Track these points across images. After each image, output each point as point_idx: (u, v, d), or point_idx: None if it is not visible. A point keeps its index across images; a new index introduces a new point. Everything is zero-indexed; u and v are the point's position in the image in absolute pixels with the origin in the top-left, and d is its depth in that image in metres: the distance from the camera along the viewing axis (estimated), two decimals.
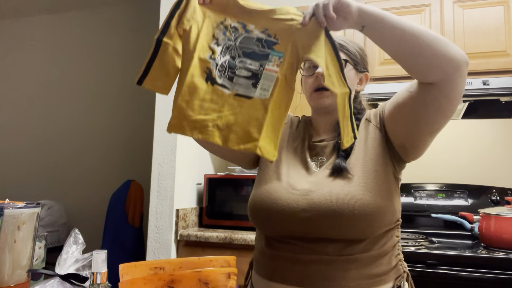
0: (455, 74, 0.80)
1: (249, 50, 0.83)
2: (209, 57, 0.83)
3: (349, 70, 1.00)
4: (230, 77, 0.83)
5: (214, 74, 0.83)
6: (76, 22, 3.51)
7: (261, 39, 0.84)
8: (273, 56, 0.82)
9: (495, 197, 2.08)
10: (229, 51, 0.84)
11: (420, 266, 1.56)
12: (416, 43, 0.79)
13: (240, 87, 0.82)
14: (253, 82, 0.82)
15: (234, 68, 0.83)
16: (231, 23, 0.85)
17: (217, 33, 0.85)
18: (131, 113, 3.22)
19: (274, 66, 0.82)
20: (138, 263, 0.73)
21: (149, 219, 2.10)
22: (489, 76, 1.90)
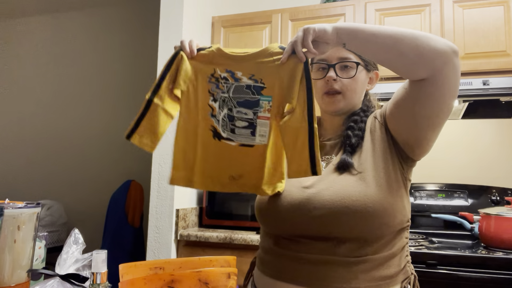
0: (444, 67, 0.80)
1: (241, 99, 0.89)
2: (211, 115, 0.91)
3: (360, 71, 1.00)
4: (232, 129, 0.90)
5: (219, 130, 0.91)
6: (76, 22, 3.50)
7: (250, 85, 0.89)
8: (263, 102, 0.88)
9: (495, 197, 2.08)
10: (225, 104, 0.91)
11: (420, 266, 1.56)
12: (397, 45, 0.81)
13: (242, 137, 0.90)
14: (251, 130, 0.89)
15: (233, 120, 0.90)
16: (221, 74, 0.90)
17: (211, 88, 0.91)
18: (131, 113, 3.20)
19: (266, 112, 0.87)
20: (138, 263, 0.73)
21: (149, 219, 2.10)
22: (489, 76, 1.90)
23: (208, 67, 0.91)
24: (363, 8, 2.17)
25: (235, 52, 0.91)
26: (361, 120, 0.99)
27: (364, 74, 1.02)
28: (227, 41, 2.41)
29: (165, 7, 2.20)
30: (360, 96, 1.03)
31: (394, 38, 0.81)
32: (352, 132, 0.96)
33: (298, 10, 2.30)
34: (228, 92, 0.90)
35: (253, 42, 2.36)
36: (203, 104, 0.92)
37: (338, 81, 0.99)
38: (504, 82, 1.85)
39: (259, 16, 2.37)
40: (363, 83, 1.03)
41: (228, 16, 2.44)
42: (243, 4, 2.79)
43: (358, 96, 1.02)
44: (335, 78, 0.99)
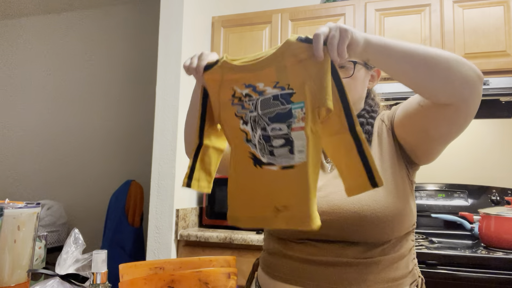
0: (471, 97, 0.76)
1: (272, 113, 0.76)
2: (246, 140, 0.80)
3: (359, 69, 0.97)
4: (271, 151, 0.76)
5: (258, 155, 0.78)
6: (76, 22, 3.50)
7: (277, 95, 0.75)
8: (295, 110, 0.73)
9: (495, 197, 2.08)
10: (257, 124, 0.78)
11: (420, 266, 1.55)
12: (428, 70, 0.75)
13: (283, 158, 0.75)
14: (290, 148, 0.74)
15: (270, 140, 0.76)
16: (241, 92, 0.78)
17: (238, 111, 0.80)
18: (131, 113, 3.21)
19: (300, 122, 0.72)
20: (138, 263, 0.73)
21: (149, 219, 2.10)
22: (489, 76, 1.90)
23: (225, 89, 0.81)
24: (363, 8, 2.17)
25: (246, 60, 0.79)
26: (367, 122, 0.98)
27: (363, 72, 0.99)
28: (227, 41, 2.41)
29: (165, 7, 2.20)
30: (361, 94, 1.01)
31: (427, 62, 0.75)
32: None
33: (298, 10, 2.30)
34: (256, 109, 0.77)
35: (253, 42, 2.36)
36: (235, 131, 0.80)
37: None
38: (504, 82, 1.85)
39: (259, 16, 2.37)
40: (363, 81, 1.00)
41: (228, 16, 2.44)
42: (243, 4, 2.79)
43: (359, 95, 1.00)
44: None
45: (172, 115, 2.12)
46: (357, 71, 0.97)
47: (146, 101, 3.07)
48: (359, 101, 1.01)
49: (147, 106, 3.01)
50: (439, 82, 0.75)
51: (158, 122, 2.15)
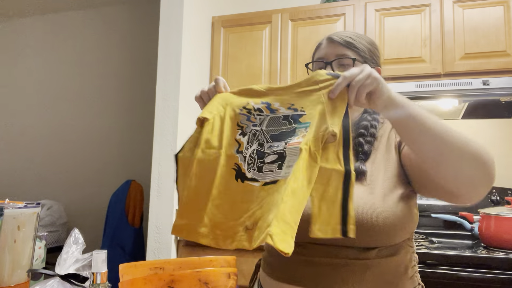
0: (485, 192, 0.74)
1: (276, 132, 0.74)
2: (236, 151, 0.75)
3: (356, 65, 0.96)
4: (259, 167, 0.72)
5: (244, 169, 0.74)
6: (76, 22, 3.50)
7: (288, 115, 0.74)
8: (299, 129, 0.71)
9: (495, 197, 2.08)
10: (255, 138, 0.75)
11: (420, 266, 1.55)
12: (450, 159, 0.72)
13: (268, 174, 0.71)
14: (280, 163, 0.70)
15: (263, 157, 0.73)
16: (254, 105, 0.77)
17: (241, 121, 0.77)
18: (131, 113, 3.21)
19: (299, 138, 0.69)
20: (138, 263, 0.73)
21: (149, 219, 2.10)
22: (489, 76, 1.90)
23: (241, 99, 0.79)
24: (363, 8, 2.17)
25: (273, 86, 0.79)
26: (371, 125, 0.97)
27: None
28: (227, 41, 2.41)
29: (165, 7, 2.20)
30: None
31: (453, 151, 0.71)
32: (363, 139, 0.94)
33: (298, 10, 2.30)
34: (260, 125, 0.75)
35: (253, 42, 2.36)
36: (229, 138, 0.77)
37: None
38: (504, 82, 1.85)
39: (259, 16, 2.37)
40: None
41: (228, 16, 2.44)
42: (243, 4, 2.79)
43: None
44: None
45: (172, 115, 2.12)
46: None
47: (146, 101, 3.07)
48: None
49: (147, 106, 3.01)
50: (461, 177, 0.73)
51: (158, 122, 2.15)
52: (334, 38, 1.01)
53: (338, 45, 0.99)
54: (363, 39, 1.02)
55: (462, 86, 1.89)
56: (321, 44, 1.04)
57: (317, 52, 1.06)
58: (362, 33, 2.02)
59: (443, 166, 0.74)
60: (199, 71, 2.34)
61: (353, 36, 1.01)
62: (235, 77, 2.34)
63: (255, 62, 2.34)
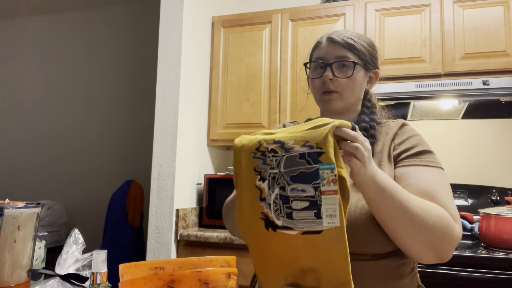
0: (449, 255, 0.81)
1: (295, 172, 0.70)
2: (260, 199, 0.73)
3: (358, 70, 0.98)
4: (288, 213, 0.70)
5: (272, 217, 0.72)
6: (76, 22, 3.50)
7: (304, 154, 0.69)
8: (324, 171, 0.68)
9: (495, 197, 2.08)
10: (276, 182, 0.72)
11: (420, 266, 1.56)
12: (418, 233, 0.78)
13: (304, 223, 0.69)
14: (315, 211, 0.68)
15: (288, 201, 0.70)
16: (268, 147, 0.72)
17: (258, 165, 0.73)
18: (131, 113, 3.21)
19: (331, 185, 0.67)
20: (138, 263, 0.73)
21: (149, 219, 2.10)
22: (489, 76, 1.90)
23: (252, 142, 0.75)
24: (363, 8, 2.17)
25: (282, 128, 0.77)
26: (370, 126, 0.97)
27: (362, 73, 1.00)
28: (227, 41, 2.41)
29: (165, 7, 2.20)
30: (359, 95, 1.01)
31: (414, 220, 0.77)
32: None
33: (298, 10, 2.30)
34: (278, 167, 0.71)
35: (253, 42, 2.36)
36: (250, 186, 0.74)
37: (335, 80, 0.97)
38: (504, 82, 1.85)
39: (259, 16, 2.37)
40: (361, 83, 1.00)
41: (228, 16, 2.44)
42: (243, 4, 2.79)
43: (356, 95, 1.00)
44: (331, 77, 0.96)
45: (172, 115, 2.12)
46: (356, 72, 0.97)
47: (146, 101, 3.07)
48: (357, 103, 1.02)
49: (147, 106, 3.01)
50: (423, 246, 0.78)
51: (158, 122, 2.15)
52: (335, 38, 0.99)
53: (339, 46, 0.98)
54: (364, 40, 1.01)
55: (462, 86, 1.90)
56: (321, 43, 1.02)
57: (316, 51, 1.03)
58: (362, 33, 2.02)
59: (403, 240, 0.80)
60: (199, 71, 2.34)
61: (354, 38, 0.99)
62: (235, 77, 2.34)
63: (255, 62, 2.34)
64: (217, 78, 2.40)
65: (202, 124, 2.38)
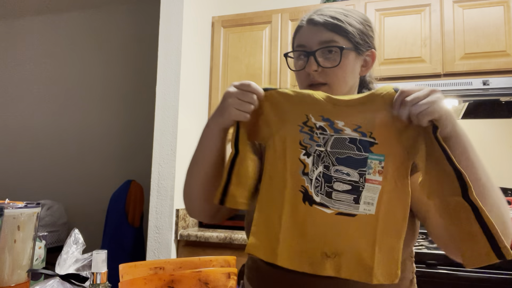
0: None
1: (343, 155, 0.71)
2: (302, 173, 0.73)
3: (347, 56, 0.82)
4: (328, 192, 0.71)
5: (311, 192, 0.72)
6: (76, 22, 3.50)
7: (355, 139, 0.70)
8: (372, 161, 0.69)
9: None
10: (321, 159, 0.72)
11: (420, 266, 1.56)
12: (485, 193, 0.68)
13: (341, 204, 0.71)
14: (355, 196, 0.70)
15: (331, 181, 0.71)
16: (316, 123, 0.72)
17: (304, 140, 0.73)
18: (131, 113, 3.21)
19: (376, 175, 0.69)
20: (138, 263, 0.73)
21: (149, 219, 2.10)
22: (489, 76, 1.90)
23: (299, 114, 0.73)
24: (363, 8, 2.17)
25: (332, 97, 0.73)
26: None
27: (353, 57, 0.84)
28: (227, 41, 2.41)
29: (165, 7, 2.20)
30: (353, 84, 0.86)
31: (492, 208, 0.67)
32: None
33: (298, 10, 2.30)
34: (325, 145, 0.71)
35: (253, 42, 2.36)
36: (293, 158, 0.73)
37: (321, 71, 0.82)
38: (504, 82, 1.85)
39: (259, 16, 2.37)
40: (353, 69, 0.84)
41: (228, 16, 2.44)
42: (243, 4, 2.79)
43: (350, 85, 0.85)
44: (316, 68, 0.82)
45: (172, 115, 2.12)
46: (345, 58, 0.82)
47: (146, 101, 3.06)
48: (352, 91, 0.87)
49: (147, 106, 3.01)
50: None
51: (158, 122, 2.15)
52: (316, 19, 0.83)
53: (322, 28, 0.82)
54: (353, 17, 0.84)
55: (462, 86, 1.89)
56: (301, 27, 0.86)
57: (297, 37, 0.87)
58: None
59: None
60: (199, 71, 2.34)
61: (340, 15, 0.83)
62: (235, 77, 2.34)
63: (255, 62, 2.34)
64: (217, 78, 2.40)
65: (202, 124, 2.37)
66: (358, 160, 0.70)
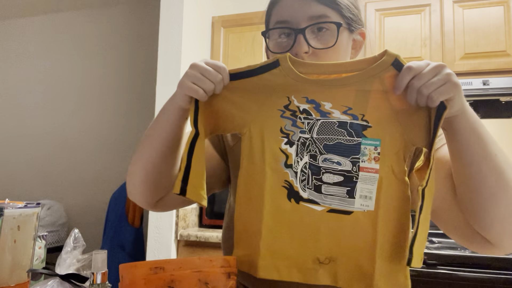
0: None
1: (331, 141, 0.61)
2: (284, 165, 0.63)
3: (342, 34, 0.70)
4: (317, 186, 0.61)
5: (296, 187, 0.62)
6: (76, 22, 3.50)
7: (345, 123, 0.60)
8: (366, 147, 0.59)
9: None
10: (306, 148, 0.62)
11: None
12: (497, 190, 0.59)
13: (333, 199, 0.61)
14: (348, 189, 0.60)
15: (319, 172, 0.61)
16: (299, 106, 0.62)
17: (285, 127, 0.63)
18: (131, 113, 3.21)
19: (372, 162, 0.59)
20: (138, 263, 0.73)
21: (149, 219, 2.10)
22: (489, 76, 1.90)
23: (278, 94, 0.64)
24: (363, 8, 2.17)
25: (318, 71, 0.62)
26: None
27: (346, 36, 0.71)
28: (227, 41, 2.41)
29: (165, 7, 2.20)
30: None
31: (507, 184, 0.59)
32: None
33: None
34: (310, 131, 0.62)
35: (253, 42, 2.36)
36: (273, 149, 0.63)
37: (312, 53, 0.68)
38: (504, 82, 1.85)
39: (259, 16, 2.36)
40: (346, 50, 0.72)
41: (228, 16, 2.44)
42: (243, 4, 2.79)
43: None
44: (307, 50, 0.67)
45: None
46: (340, 37, 0.69)
47: (146, 101, 3.06)
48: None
49: (147, 106, 3.01)
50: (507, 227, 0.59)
51: None
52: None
53: (311, 1, 0.67)
54: None
55: (462, 86, 1.89)
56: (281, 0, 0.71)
57: (275, 11, 0.72)
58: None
59: (490, 208, 0.59)
60: None
61: None
62: None
63: (255, 62, 2.33)
64: None
65: None
66: (350, 147, 0.60)
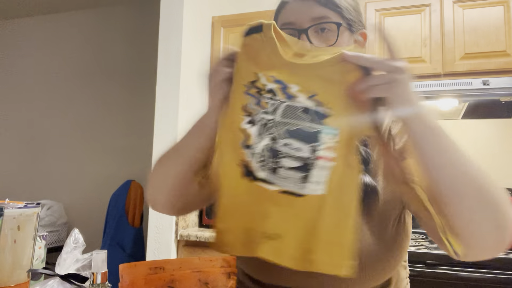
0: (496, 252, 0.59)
1: (294, 126, 0.59)
2: (243, 145, 0.61)
3: (343, 35, 0.73)
4: (273, 169, 0.60)
5: (252, 167, 0.61)
6: (76, 22, 3.50)
7: (308, 109, 0.58)
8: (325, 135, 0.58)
9: None
10: (267, 130, 0.60)
11: (420, 266, 1.56)
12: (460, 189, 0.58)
13: (288, 182, 0.60)
14: (303, 175, 0.59)
15: (277, 156, 0.60)
16: (266, 84, 0.60)
17: (249, 105, 0.61)
18: (131, 113, 3.21)
19: (330, 151, 0.58)
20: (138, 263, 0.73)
21: (149, 219, 2.10)
22: (489, 76, 1.90)
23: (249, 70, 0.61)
24: (363, 8, 2.17)
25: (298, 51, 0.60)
26: None
27: (347, 37, 0.74)
28: (227, 41, 2.41)
29: (165, 7, 2.20)
30: None
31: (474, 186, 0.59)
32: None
33: None
34: (274, 113, 0.60)
35: None
36: (234, 127, 0.62)
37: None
38: (504, 82, 1.86)
39: (259, 16, 2.36)
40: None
41: (228, 16, 2.44)
42: (243, 4, 2.79)
43: None
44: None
45: (172, 115, 2.12)
46: (341, 37, 0.72)
47: (146, 101, 3.06)
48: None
49: (147, 106, 3.01)
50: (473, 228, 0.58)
51: (158, 122, 2.15)
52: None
53: (313, 3, 0.72)
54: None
55: (462, 86, 1.89)
56: (287, 3, 0.75)
57: (282, 15, 0.76)
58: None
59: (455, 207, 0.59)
60: (199, 71, 2.34)
61: None
62: None
63: None
64: None
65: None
66: (311, 134, 0.58)
